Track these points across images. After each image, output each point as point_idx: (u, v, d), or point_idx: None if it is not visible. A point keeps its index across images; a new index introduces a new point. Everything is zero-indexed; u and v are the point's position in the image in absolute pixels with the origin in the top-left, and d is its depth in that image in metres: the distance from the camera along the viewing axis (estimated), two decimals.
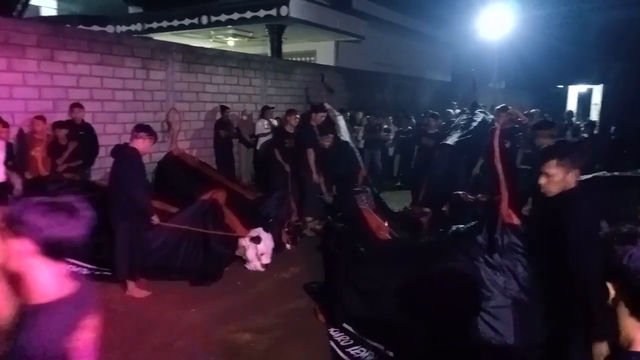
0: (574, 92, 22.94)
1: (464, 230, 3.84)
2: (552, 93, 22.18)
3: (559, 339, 2.83)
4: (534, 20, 17.29)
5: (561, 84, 22.87)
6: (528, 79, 19.89)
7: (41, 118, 6.39)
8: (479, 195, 6.92)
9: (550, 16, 18.04)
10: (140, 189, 4.71)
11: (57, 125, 6.62)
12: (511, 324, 3.27)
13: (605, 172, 5.60)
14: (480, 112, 8.11)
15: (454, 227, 4.06)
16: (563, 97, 22.61)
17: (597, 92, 21.77)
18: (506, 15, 14.45)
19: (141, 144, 4.73)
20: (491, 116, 7.74)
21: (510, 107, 7.25)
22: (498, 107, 7.51)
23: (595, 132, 12.04)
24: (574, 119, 14.63)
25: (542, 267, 3.18)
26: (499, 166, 3.57)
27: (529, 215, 3.75)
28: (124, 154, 4.77)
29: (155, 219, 4.86)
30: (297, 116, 7.77)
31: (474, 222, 3.90)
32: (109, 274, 5.02)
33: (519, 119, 6.58)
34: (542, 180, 2.71)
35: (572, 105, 22.20)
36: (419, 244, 4.47)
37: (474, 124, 7.82)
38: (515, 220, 3.41)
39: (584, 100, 22.38)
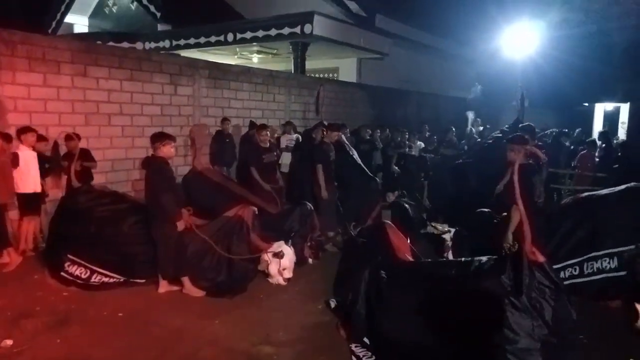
0: (600, 110, 22.57)
1: (487, 267, 3.56)
2: (578, 111, 21.87)
3: None
4: (559, 38, 17.15)
5: (587, 102, 22.54)
6: (552, 97, 19.63)
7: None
8: (504, 214, 6.85)
9: (575, 35, 17.88)
10: (170, 195, 4.96)
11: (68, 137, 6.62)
12: None
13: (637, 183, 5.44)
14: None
15: (476, 261, 3.68)
16: (589, 116, 22.25)
17: (625, 110, 21.37)
18: (530, 34, 14.42)
19: (161, 151, 5.08)
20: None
21: (527, 138, 5.85)
22: (513, 136, 6.58)
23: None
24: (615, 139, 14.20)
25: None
26: (520, 203, 3.47)
27: None
28: (151, 164, 5.10)
29: (179, 225, 5.03)
30: (267, 132, 7.44)
31: (496, 257, 3.65)
32: (140, 282, 5.34)
33: (538, 157, 5.36)
34: None
35: (598, 123, 21.82)
36: (439, 273, 4.16)
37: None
38: (540, 258, 3.30)
39: (611, 119, 21.99)
